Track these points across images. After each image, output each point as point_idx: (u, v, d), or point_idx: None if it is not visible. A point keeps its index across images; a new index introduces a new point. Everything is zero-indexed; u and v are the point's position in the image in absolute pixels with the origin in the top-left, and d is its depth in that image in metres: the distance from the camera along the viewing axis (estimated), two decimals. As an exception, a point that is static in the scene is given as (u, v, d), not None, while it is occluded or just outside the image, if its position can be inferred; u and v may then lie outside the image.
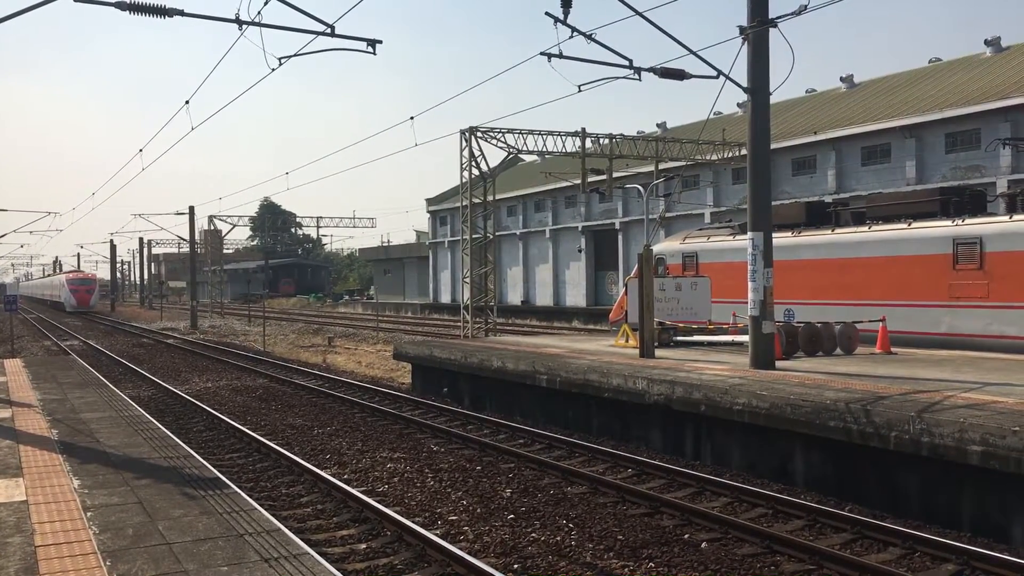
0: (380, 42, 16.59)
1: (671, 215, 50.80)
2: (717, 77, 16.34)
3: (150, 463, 11.70)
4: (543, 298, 67.00)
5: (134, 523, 8.60)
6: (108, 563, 7.36)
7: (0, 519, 8.78)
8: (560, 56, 16.75)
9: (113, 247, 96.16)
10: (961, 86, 42.71)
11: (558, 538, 10.26)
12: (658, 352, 18.64)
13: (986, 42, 47.33)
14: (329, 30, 16.07)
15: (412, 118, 23.43)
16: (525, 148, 34.33)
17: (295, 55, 16.46)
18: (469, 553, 9.46)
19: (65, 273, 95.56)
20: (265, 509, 9.69)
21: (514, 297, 69.72)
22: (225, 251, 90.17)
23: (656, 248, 25.72)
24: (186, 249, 75.30)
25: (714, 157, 42.23)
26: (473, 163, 33.14)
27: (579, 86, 17.30)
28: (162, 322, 64.70)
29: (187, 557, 7.51)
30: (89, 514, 8.97)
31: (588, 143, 36.52)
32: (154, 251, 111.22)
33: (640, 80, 17.34)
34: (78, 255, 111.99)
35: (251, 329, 54.02)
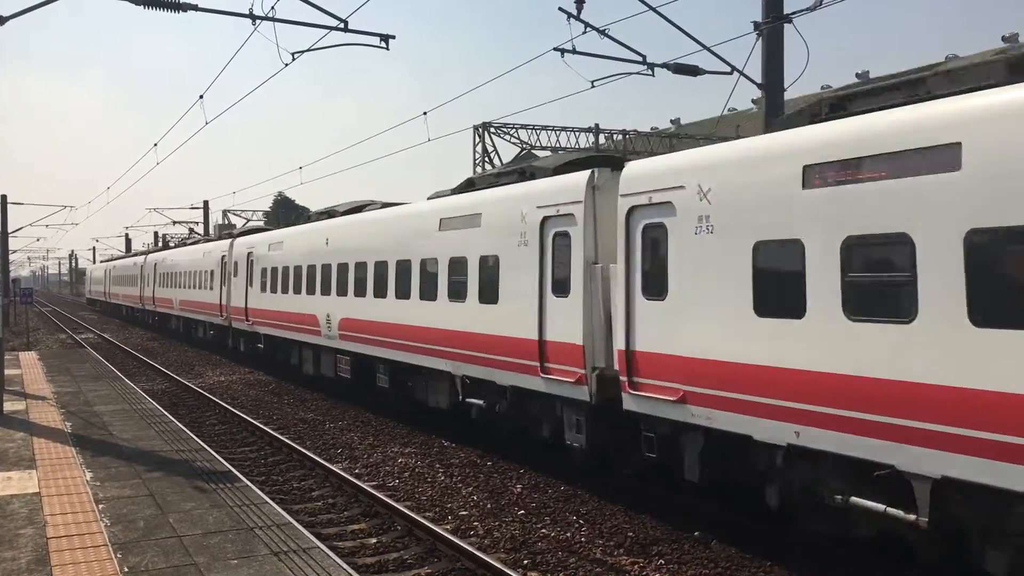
0: (393, 37, 16.62)
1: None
2: (731, 73, 16.28)
3: (162, 456, 11.77)
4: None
5: (145, 516, 8.65)
6: (119, 555, 7.41)
7: (13, 511, 8.85)
8: (573, 52, 16.70)
9: (128, 241, 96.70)
10: (978, 82, 42.32)
11: (568, 534, 10.25)
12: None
13: (1003, 39, 46.97)
14: (343, 25, 16.10)
15: (425, 113, 23.37)
16: (538, 144, 34.30)
17: (308, 50, 16.49)
18: (479, 548, 9.46)
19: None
20: (276, 503, 9.73)
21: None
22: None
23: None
24: (200, 243, 75.30)
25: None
26: (486, 158, 33.13)
27: (592, 82, 17.25)
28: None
29: (197, 550, 7.55)
30: (101, 506, 9.02)
31: (601, 139, 36.44)
32: (169, 245, 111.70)
33: (654, 76, 17.30)
34: (94, 248, 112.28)
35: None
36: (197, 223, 68.24)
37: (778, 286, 8.59)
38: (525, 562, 9.32)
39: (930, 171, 7.23)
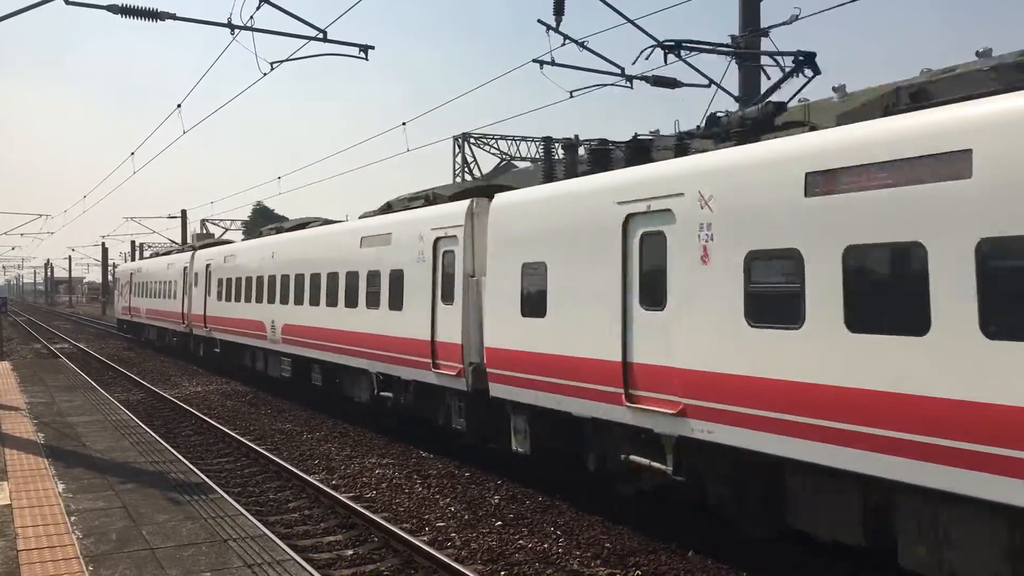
0: (372, 48, 16.60)
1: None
2: (708, 86, 16.36)
3: (136, 467, 11.66)
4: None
5: (118, 528, 8.56)
6: (90, 568, 7.33)
7: (-17, 523, 8.72)
8: (552, 63, 16.74)
9: (105, 250, 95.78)
10: (952, 97, 42.88)
11: (545, 545, 10.24)
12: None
13: (977, 54, 47.57)
14: (321, 35, 16.06)
15: (404, 124, 23.38)
16: (518, 155, 34.36)
17: (287, 60, 16.44)
18: (456, 560, 9.43)
19: None
20: (251, 515, 9.66)
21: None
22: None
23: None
24: (178, 253, 74.25)
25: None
26: (466, 169, 33.15)
27: (571, 92, 17.31)
28: (153, 326, 64.23)
29: (170, 562, 7.48)
30: (73, 518, 8.92)
31: (581, 150, 36.56)
32: (146, 255, 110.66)
33: (632, 88, 17.36)
34: (69, 257, 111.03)
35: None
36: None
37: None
38: (502, 573, 9.30)
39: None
